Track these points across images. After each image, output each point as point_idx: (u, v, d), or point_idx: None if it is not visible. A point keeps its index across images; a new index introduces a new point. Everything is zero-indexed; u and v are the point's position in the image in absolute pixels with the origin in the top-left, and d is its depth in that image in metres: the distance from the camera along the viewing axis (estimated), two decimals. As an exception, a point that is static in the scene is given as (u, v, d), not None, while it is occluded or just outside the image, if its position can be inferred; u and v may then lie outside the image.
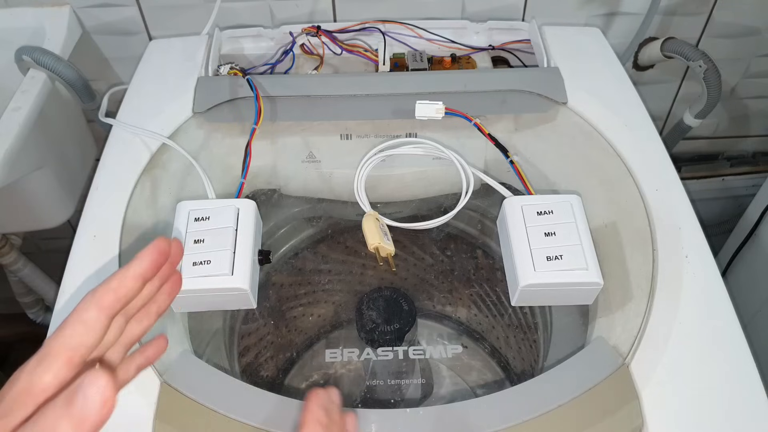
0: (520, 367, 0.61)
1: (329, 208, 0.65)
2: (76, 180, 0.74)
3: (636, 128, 0.56)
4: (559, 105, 0.58)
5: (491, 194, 0.57)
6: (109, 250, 0.48)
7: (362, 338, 0.57)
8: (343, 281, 0.65)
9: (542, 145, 0.59)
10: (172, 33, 0.69)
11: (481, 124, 0.55)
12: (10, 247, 0.80)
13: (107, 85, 0.75)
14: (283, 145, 0.60)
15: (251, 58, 0.69)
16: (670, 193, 0.51)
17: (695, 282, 0.46)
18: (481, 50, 0.69)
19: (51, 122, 0.66)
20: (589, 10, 0.72)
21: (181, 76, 0.61)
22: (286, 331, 0.64)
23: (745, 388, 0.41)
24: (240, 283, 0.45)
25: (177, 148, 0.54)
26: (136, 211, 0.51)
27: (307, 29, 0.67)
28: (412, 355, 0.58)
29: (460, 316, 0.66)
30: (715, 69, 0.68)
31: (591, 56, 0.64)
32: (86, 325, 0.27)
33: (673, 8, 0.74)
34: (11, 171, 0.58)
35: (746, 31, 0.77)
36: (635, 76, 0.80)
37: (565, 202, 0.49)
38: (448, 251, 0.65)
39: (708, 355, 0.43)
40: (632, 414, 0.40)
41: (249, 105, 0.55)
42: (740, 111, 0.89)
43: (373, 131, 0.59)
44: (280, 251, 0.65)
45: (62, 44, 0.66)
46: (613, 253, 0.50)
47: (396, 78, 0.61)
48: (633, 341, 0.43)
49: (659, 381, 0.41)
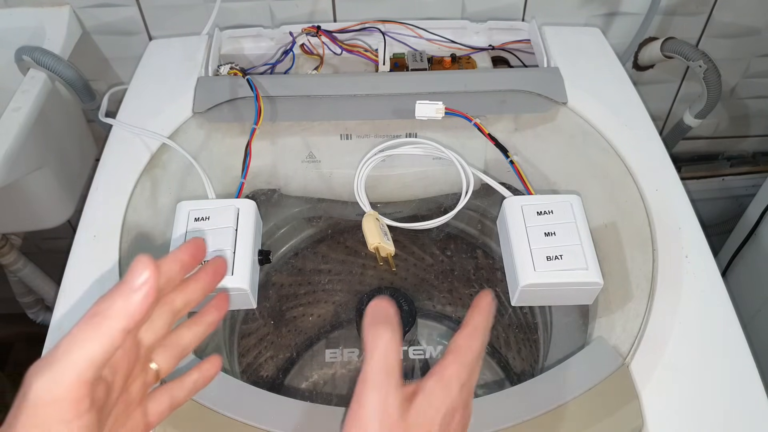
0: (520, 367, 0.61)
1: (329, 208, 0.65)
2: (76, 180, 0.74)
3: (636, 128, 0.56)
4: (559, 105, 0.58)
5: (491, 194, 0.57)
6: (109, 250, 0.48)
7: (362, 338, 0.57)
8: (343, 281, 0.65)
9: (542, 145, 0.59)
10: (172, 33, 0.69)
11: (481, 124, 0.55)
12: (10, 247, 0.80)
13: (107, 85, 0.75)
14: (283, 145, 0.60)
15: (251, 58, 0.69)
16: (670, 193, 0.51)
17: (695, 282, 0.46)
18: (481, 50, 0.69)
19: (51, 122, 0.66)
20: (589, 10, 0.72)
21: (181, 76, 0.61)
22: (286, 331, 0.64)
23: (745, 388, 0.41)
24: (240, 283, 0.45)
25: (177, 148, 0.54)
26: (136, 211, 0.51)
27: (307, 29, 0.67)
28: (412, 355, 0.58)
29: (460, 316, 0.66)
30: (715, 69, 0.68)
31: (591, 56, 0.64)
32: (137, 293, 0.25)
33: (673, 8, 0.74)
34: (11, 171, 0.58)
35: (746, 31, 0.77)
36: (635, 76, 0.80)
37: (565, 202, 0.49)
38: (448, 251, 0.65)
39: (708, 355, 0.43)
40: (632, 414, 0.40)
41: (249, 105, 0.55)
42: (740, 111, 0.89)
43: (373, 131, 0.59)
44: (280, 251, 0.65)
45: (62, 44, 0.66)
46: (613, 253, 0.50)
47: (396, 78, 0.61)
48: (633, 341, 0.43)
49: (659, 381, 0.41)
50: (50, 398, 0.24)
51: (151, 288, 0.25)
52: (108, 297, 0.26)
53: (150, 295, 0.25)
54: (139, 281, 0.25)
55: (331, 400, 0.59)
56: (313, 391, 0.61)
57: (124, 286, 0.25)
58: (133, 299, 0.25)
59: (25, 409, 0.24)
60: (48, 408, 0.24)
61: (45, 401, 0.24)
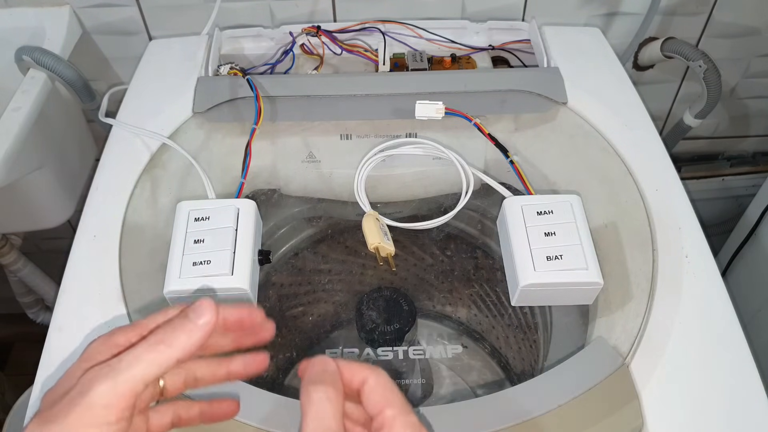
0: (520, 367, 0.61)
1: (329, 208, 0.65)
2: (76, 180, 0.74)
3: (636, 128, 0.56)
4: (559, 105, 0.58)
5: (491, 194, 0.57)
6: (109, 250, 0.48)
7: (362, 338, 0.57)
8: (343, 281, 0.65)
9: (542, 145, 0.59)
10: (172, 33, 0.69)
11: (481, 124, 0.55)
12: (10, 247, 0.80)
13: (107, 85, 0.75)
14: (283, 145, 0.60)
15: (251, 58, 0.69)
16: (670, 193, 0.51)
17: (695, 282, 0.46)
18: (481, 50, 0.69)
19: (51, 122, 0.66)
20: (589, 10, 0.72)
21: (181, 76, 0.61)
22: (286, 331, 0.64)
23: (745, 388, 0.41)
24: (240, 283, 0.45)
25: (177, 148, 0.54)
26: (136, 211, 0.51)
27: (307, 29, 0.67)
28: (412, 355, 0.58)
29: (460, 316, 0.66)
30: (715, 69, 0.68)
31: (591, 56, 0.64)
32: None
33: (673, 8, 0.74)
34: (11, 171, 0.58)
35: (746, 31, 0.77)
36: (635, 76, 0.80)
37: (565, 202, 0.49)
38: (448, 251, 0.65)
39: (708, 355, 0.43)
40: (632, 414, 0.40)
41: (249, 105, 0.55)
42: (740, 111, 0.89)
43: (373, 131, 0.59)
44: (280, 251, 0.65)
45: (62, 44, 0.66)
46: (613, 253, 0.50)
47: (396, 78, 0.61)
48: (633, 341, 0.43)
49: (659, 381, 0.41)
50: (105, 402, 0.27)
51: (209, 330, 0.30)
52: (172, 328, 0.30)
53: (206, 336, 0.30)
54: (201, 322, 0.30)
55: (331, 400, 0.59)
56: (313, 391, 0.61)
57: (188, 322, 0.30)
58: (193, 336, 0.29)
59: (80, 405, 0.27)
60: (100, 410, 0.27)
61: (100, 404, 0.27)
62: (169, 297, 0.46)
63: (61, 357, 0.42)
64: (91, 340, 0.31)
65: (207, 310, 0.30)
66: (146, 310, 0.46)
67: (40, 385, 0.41)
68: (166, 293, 0.45)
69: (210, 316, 0.30)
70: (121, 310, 0.44)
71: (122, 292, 0.45)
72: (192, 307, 0.30)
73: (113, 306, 0.45)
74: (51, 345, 0.43)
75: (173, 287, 0.45)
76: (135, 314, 0.45)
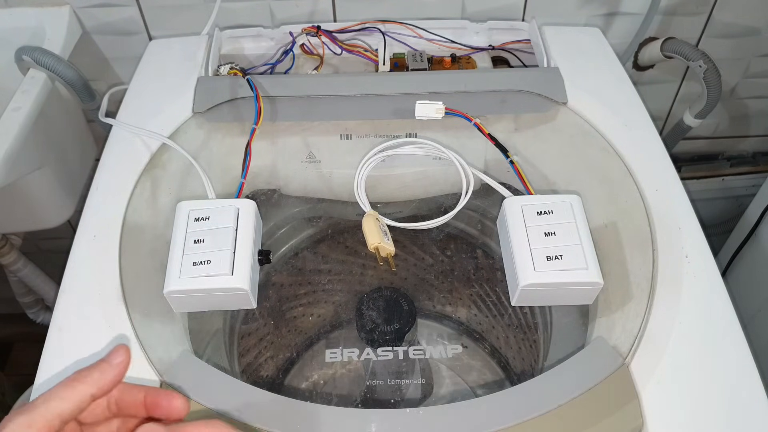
0: (520, 367, 0.61)
1: (329, 208, 0.65)
2: (76, 180, 0.74)
3: (636, 128, 0.56)
4: (559, 105, 0.58)
5: (491, 194, 0.57)
6: (109, 250, 0.48)
7: (362, 338, 0.57)
8: (343, 281, 0.65)
9: (542, 145, 0.59)
10: (172, 33, 0.69)
11: (481, 124, 0.55)
12: (10, 247, 0.80)
13: (107, 85, 0.75)
14: (283, 145, 0.60)
15: (251, 58, 0.69)
16: (670, 193, 0.51)
17: (695, 282, 0.46)
18: (481, 50, 0.69)
19: (51, 122, 0.66)
20: (589, 10, 0.72)
21: (181, 76, 0.61)
22: (286, 331, 0.64)
23: (745, 388, 0.41)
24: (240, 283, 0.45)
25: (177, 148, 0.54)
26: (136, 211, 0.51)
27: (307, 29, 0.67)
28: (412, 355, 0.58)
29: (460, 316, 0.66)
30: (715, 69, 0.68)
31: (591, 56, 0.64)
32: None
33: (673, 8, 0.74)
34: (11, 171, 0.58)
35: (746, 31, 0.77)
36: (635, 76, 0.80)
37: (565, 202, 0.49)
38: (448, 251, 0.65)
39: (708, 355, 0.43)
40: (632, 414, 0.40)
41: (249, 105, 0.55)
42: (740, 111, 0.89)
43: (373, 131, 0.59)
44: (280, 251, 0.65)
45: (62, 44, 0.66)
46: (613, 253, 0.50)
47: (396, 78, 0.61)
48: (633, 341, 0.43)
49: (659, 381, 0.41)
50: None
51: (122, 369, 0.33)
52: (88, 368, 0.32)
53: (120, 375, 0.32)
54: (116, 362, 0.33)
55: (331, 400, 0.59)
56: (313, 391, 0.61)
57: (103, 362, 0.33)
58: (106, 374, 0.32)
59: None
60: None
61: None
62: (169, 297, 0.46)
63: (61, 357, 0.42)
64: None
65: (121, 353, 0.33)
66: (146, 310, 0.46)
67: (40, 385, 0.41)
68: (166, 293, 0.45)
69: (123, 358, 0.33)
70: (121, 310, 0.44)
71: (122, 292, 0.45)
72: (109, 352, 0.33)
73: (113, 306, 0.45)
74: (51, 345, 0.43)
75: (173, 287, 0.45)
76: (135, 314, 0.45)
